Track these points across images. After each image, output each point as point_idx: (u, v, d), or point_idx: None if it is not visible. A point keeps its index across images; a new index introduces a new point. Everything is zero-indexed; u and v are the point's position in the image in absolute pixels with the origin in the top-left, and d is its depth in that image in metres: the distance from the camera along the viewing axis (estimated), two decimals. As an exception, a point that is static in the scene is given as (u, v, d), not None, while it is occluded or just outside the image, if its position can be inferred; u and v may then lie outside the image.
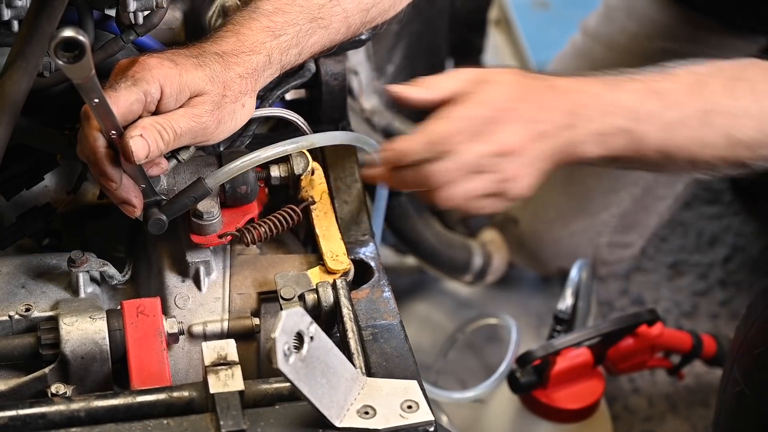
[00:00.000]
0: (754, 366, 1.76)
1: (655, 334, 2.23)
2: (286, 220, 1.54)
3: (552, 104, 1.52)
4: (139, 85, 1.39)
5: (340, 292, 1.42)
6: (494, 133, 1.48)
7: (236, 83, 1.46)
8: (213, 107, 1.44)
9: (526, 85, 1.53)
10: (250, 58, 1.48)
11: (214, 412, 1.26)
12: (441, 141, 1.48)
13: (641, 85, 1.56)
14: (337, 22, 1.57)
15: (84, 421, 1.28)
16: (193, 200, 1.46)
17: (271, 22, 1.51)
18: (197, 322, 1.49)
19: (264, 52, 1.49)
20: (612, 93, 1.54)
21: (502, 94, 1.51)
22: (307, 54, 1.55)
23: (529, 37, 3.42)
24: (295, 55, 1.53)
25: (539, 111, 1.51)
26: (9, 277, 1.50)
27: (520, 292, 2.86)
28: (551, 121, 1.51)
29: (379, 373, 1.37)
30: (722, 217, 3.03)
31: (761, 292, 1.77)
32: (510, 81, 1.53)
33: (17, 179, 1.58)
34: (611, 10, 2.65)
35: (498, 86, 1.52)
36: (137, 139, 1.37)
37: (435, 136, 1.49)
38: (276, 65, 1.51)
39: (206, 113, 1.43)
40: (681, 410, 2.58)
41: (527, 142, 1.50)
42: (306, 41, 1.53)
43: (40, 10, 1.36)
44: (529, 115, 1.50)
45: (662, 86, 1.56)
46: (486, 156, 1.48)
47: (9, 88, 1.38)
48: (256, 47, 1.48)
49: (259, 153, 1.48)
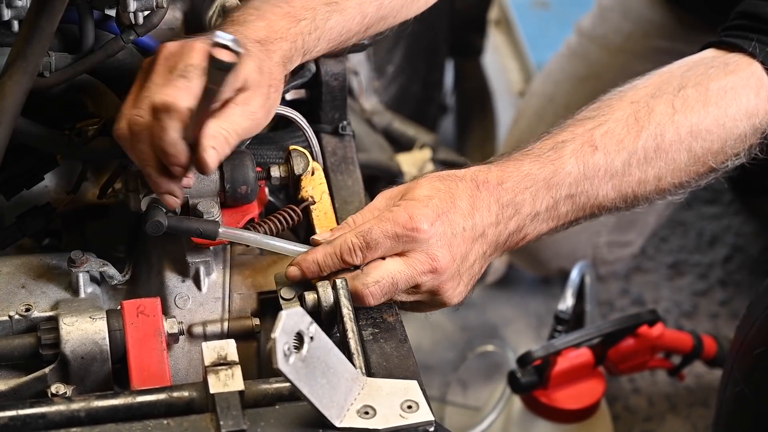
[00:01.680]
0: (754, 366, 1.75)
1: (656, 335, 2.23)
2: (286, 220, 1.54)
3: (482, 204, 1.46)
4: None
5: (340, 292, 1.42)
6: (421, 252, 1.43)
7: (277, 71, 1.46)
8: (263, 100, 1.43)
9: (447, 192, 1.46)
10: (281, 45, 1.48)
11: (214, 412, 1.26)
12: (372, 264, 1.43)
13: (578, 142, 1.51)
14: (351, 7, 1.57)
15: (84, 421, 1.28)
16: (198, 233, 1.46)
17: (291, 8, 1.51)
18: (197, 322, 1.49)
19: (290, 39, 1.49)
20: (546, 167, 1.49)
21: (426, 210, 1.43)
22: (326, 40, 1.55)
23: (529, 37, 3.42)
24: (315, 40, 1.53)
25: (469, 217, 1.45)
26: (9, 277, 1.50)
27: (520, 293, 2.86)
28: (485, 222, 1.46)
29: (379, 373, 1.37)
30: (722, 217, 3.04)
31: (761, 292, 1.77)
32: (432, 192, 1.45)
33: (17, 179, 1.58)
34: (605, 10, 2.65)
35: (421, 203, 1.44)
36: (211, 150, 1.37)
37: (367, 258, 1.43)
38: (300, 51, 1.51)
39: (259, 108, 1.43)
40: (681, 410, 2.58)
41: (459, 255, 1.45)
42: (324, 25, 1.53)
43: (41, 10, 1.36)
44: (460, 225, 1.44)
45: (601, 132, 1.52)
46: (414, 277, 1.43)
47: (9, 88, 1.38)
48: (283, 34, 1.49)
49: (273, 240, 1.48)
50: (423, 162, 2.49)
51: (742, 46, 1.58)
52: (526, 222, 1.50)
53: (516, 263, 2.80)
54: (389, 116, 2.61)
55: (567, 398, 2.16)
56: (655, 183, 1.54)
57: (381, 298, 1.43)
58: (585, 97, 2.64)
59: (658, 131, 1.53)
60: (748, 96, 1.56)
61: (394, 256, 1.43)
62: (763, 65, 1.56)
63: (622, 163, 1.52)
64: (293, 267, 1.44)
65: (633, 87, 1.58)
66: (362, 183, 1.68)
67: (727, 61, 1.58)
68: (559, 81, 2.71)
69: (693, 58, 1.61)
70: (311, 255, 1.44)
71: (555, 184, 1.49)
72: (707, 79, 1.56)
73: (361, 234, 1.42)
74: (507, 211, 1.48)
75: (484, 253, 1.48)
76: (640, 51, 2.56)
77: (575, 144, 1.51)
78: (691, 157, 1.54)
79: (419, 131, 2.62)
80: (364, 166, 1.88)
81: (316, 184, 1.58)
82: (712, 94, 1.55)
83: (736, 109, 1.55)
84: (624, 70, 2.55)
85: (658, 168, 1.53)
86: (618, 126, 1.53)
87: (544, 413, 2.18)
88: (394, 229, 1.42)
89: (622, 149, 1.52)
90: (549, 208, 1.50)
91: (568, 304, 2.25)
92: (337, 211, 1.59)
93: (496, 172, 1.49)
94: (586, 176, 1.50)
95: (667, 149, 1.53)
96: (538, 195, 1.49)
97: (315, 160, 1.60)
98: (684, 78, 1.57)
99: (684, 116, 1.53)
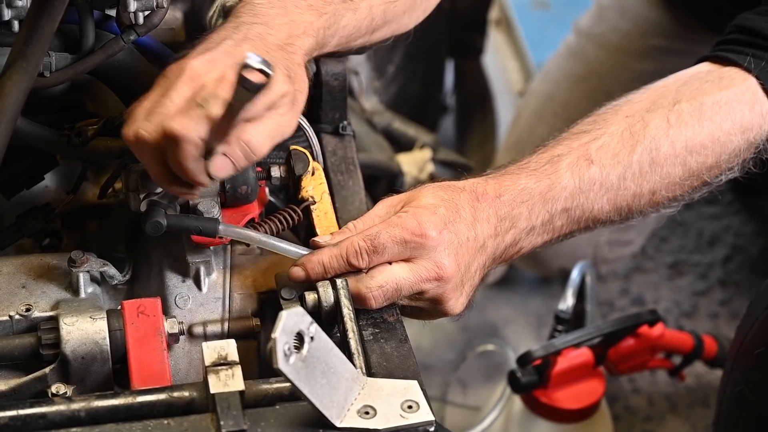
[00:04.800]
0: (754, 366, 1.76)
1: (656, 335, 2.23)
2: (286, 220, 1.54)
3: (483, 215, 1.47)
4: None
5: (341, 292, 1.42)
6: (428, 259, 1.43)
7: (301, 72, 1.44)
8: (291, 104, 1.40)
9: (451, 202, 1.46)
10: (303, 42, 1.46)
11: (215, 412, 1.26)
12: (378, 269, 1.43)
13: (574, 155, 1.52)
14: (363, 8, 1.56)
15: (84, 421, 1.28)
16: (197, 231, 1.46)
17: (314, 0, 1.49)
18: (197, 322, 1.49)
19: (313, 34, 1.48)
20: (542, 181, 1.50)
21: (435, 218, 1.44)
22: (338, 37, 1.54)
23: (529, 37, 3.43)
24: (330, 37, 1.52)
25: (472, 228, 1.46)
26: (9, 277, 1.50)
27: (520, 293, 2.86)
28: (486, 234, 1.47)
29: (379, 373, 1.37)
30: (722, 217, 3.04)
31: (761, 292, 1.77)
32: (437, 201, 1.45)
33: (17, 179, 1.58)
34: (603, 9, 2.66)
35: (428, 210, 1.44)
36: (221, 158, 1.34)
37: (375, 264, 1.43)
38: (319, 46, 1.50)
39: (287, 112, 1.40)
40: (681, 410, 2.58)
41: (463, 264, 1.45)
42: (339, 22, 1.53)
43: (41, 10, 1.36)
44: (464, 235, 1.45)
45: (596, 146, 1.52)
46: (419, 283, 1.43)
47: (9, 88, 1.38)
48: (307, 29, 1.47)
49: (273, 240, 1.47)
50: (423, 162, 2.49)
51: (737, 60, 1.58)
52: (522, 235, 1.50)
53: (516, 263, 2.80)
54: (389, 116, 2.61)
55: (567, 398, 2.16)
56: (650, 197, 1.55)
57: (383, 302, 1.43)
58: (584, 96, 2.65)
59: (653, 145, 1.53)
60: (742, 111, 1.56)
61: (400, 261, 1.43)
62: (758, 80, 1.57)
63: (617, 177, 1.52)
64: (297, 267, 1.44)
65: (628, 101, 1.58)
66: (362, 183, 1.68)
67: (722, 76, 1.58)
68: (558, 80, 2.72)
69: (688, 72, 1.62)
70: (316, 256, 1.44)
71: (551, 198, 1.50)
72: (702, 93, 1.56)
73: (368, 237, 1.42)
74: (504, 224, 1.48)
75: (483, 264, 1.49)
76: (638, 50, 2.56)
77: (571, 158, 1.52)
78: (685, 172, 1.55)
79: (419, 131, 2.62)
80: (365, 166, 1.88)
81: (317, 184, 1.58)
82: (707, 108, 1.55)
83: (731, 124, 1.55)
84: (622, 68, 2.56)
85: (653, 182, 1.54)
86: (613, 140, 1.53)
87: (544, 413, 2.18)
88: (402, 235, 1.42)
89: (618, 163, 1.52)
90: (545, 222, 1.51)
91: (568, 303, 2.25)
92: (338, 211, 1.59)
93: (494, 185, 1.50)
94: (581, 190, 1.51)
95: (661, 163, 1.54)
96: (534, 209, 1.49)
97: (315, 160, 1.60)
98: (679, 92, 1.57)
99: (679, 131, 1.54)
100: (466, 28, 3.01)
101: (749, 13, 1.65)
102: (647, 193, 1.54)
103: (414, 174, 2.41)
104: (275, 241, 1.48)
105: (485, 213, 1.47)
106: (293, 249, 1.47)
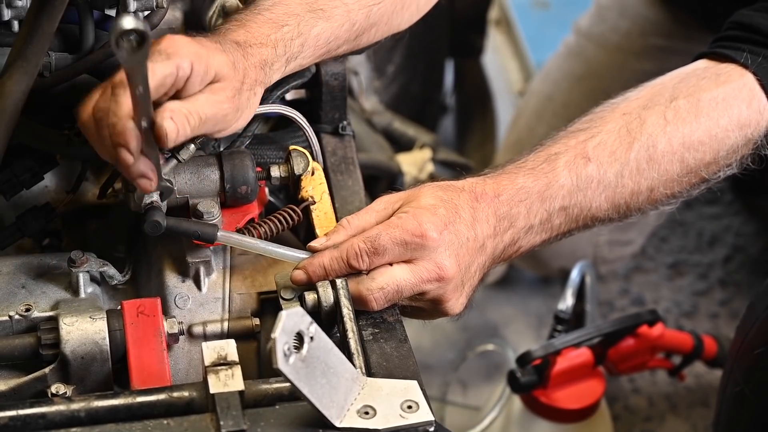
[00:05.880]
0: (754, 366, 1.76)
1: (656, 335, 2.23)
2: (286, 220, 1.54)
3: (482, 216, 1.47)
4: (173, 59, 1.36)
5: (340, 292, 1.42)
6: (429, 260, 1.43)
7: (252, 72, 1.46)
8: (233, 93, 1.43)
9: (451, 202, 1.46)
10: (260, 50, 1.48)
11: (214, 412, 1.26)
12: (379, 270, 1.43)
13: (571, 154, 1.52)
14: (338, 15, 1.57)
15: (84, 422, 1.28)
16: (196, 234, 1.46)
17: (273, 14, 1.51)
18: (197, 322, 1.49)
19: (270, 45, 1.49)
20: (539, 180, 1.50)
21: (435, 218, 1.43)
22: (312, 46, 1.55)
23: (529, 37, 3.43)
24: (299, 46, 1.52)
25: (471, 228, 1.46)
26: (9, 277, 1.50)
27: (520, 293, 2.87)
28: (485, 234, 1.47)
29: (379, 373, 1.37)
30: (722, 217, 3.04)
31: (761, 292, 1.77)
32: (436, 201, 1.45)
33: (17, 179, 1.58)
34: (603, 9, 2.66)
35: (428, 211, 1.44)
36: (169, 121, 1.35)
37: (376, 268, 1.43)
38: (282, 58, 1.51)
39: (227, 100, 1.42)
40: (681, 410, 2.58)
41: (464, 265, 1.45)
42: (308, 32, 1.53)
43: (41, 10, 1.36)
44: (464, 235, 1.45)
45: (593, 144, 1.52)
46: (419, 284, 1.43)
47: (9, 88, 1.38)
48: (263, 39, 1.49)
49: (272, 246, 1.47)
50: (423, 162, 2.49)
51: (734, 56, 1.58)
52: (521, 235, 1.50)
53: (516, 263, 2.79)
54: (389, 116, 2.61)
55: (567, 398, 2.16)
56: (648, 194, 1.55)
57: (384, 303, 1.43)
58: (583, 96, 2.65)
59: (651, 142, 1.53)
60: (740, 107, 1.56)
61: (400, 262, 1.43)
62: (755, 76, 1.57)
63: (614, 175, 1.52)
64: (299, 271, 1.45)
65: (625, 99, 1.58)
66: (362, 183, 1.68)
67: (719, 72, 1.58)
68: (557, 80, 2.72)
69: (685, 69, 1.62)
70: (317, 259, 1.44)
71: (549, 196, 1.50)
72: (699, 90, 1.56)
73: (369, 239, 1.42)
74: (503, 224, 1.48)
75: (483, 263, 1.49)
76: (637, 49, 2.56)
77: (568, 156, 1.52)
78: (683, 168, 1.55)
79: (419, 131, 2.62)
80: (364, 166, 1.88)
81: (316, 184, 1.58)
82: (704, 105, 1.55)
83: (728, 120, 1.55)
84: (622, 68, 2.56)
85: (651, 179, 1.54)
86: (610, 138, 1.53)
87: (544, 413, 2.18)
88: (403, 236, 1.42)
89: (615, 161, 1.52)
90: (543, 221, 1.51)
91: (568, 303, 2.25)
92: (337, 211, 1.59)
93: (492, 185, 1.50)
94: (579, 188, 1.51)
95: (659, 160, 1.54)
96: (532, 208, 1.50)
97: (315, 160, 1.60)
98: (676, 89, 1.57)
99: (676, 127, 1.54)
100: (466, 28, 3.01)
101: (746, 9, 1.65)
102: (645, 191, 1.54)
103: (414, 174, 2.41)
104: (274, 247, 1.48)
105: (484, 213, 1.47)
106: (293, 254, 1.47)
